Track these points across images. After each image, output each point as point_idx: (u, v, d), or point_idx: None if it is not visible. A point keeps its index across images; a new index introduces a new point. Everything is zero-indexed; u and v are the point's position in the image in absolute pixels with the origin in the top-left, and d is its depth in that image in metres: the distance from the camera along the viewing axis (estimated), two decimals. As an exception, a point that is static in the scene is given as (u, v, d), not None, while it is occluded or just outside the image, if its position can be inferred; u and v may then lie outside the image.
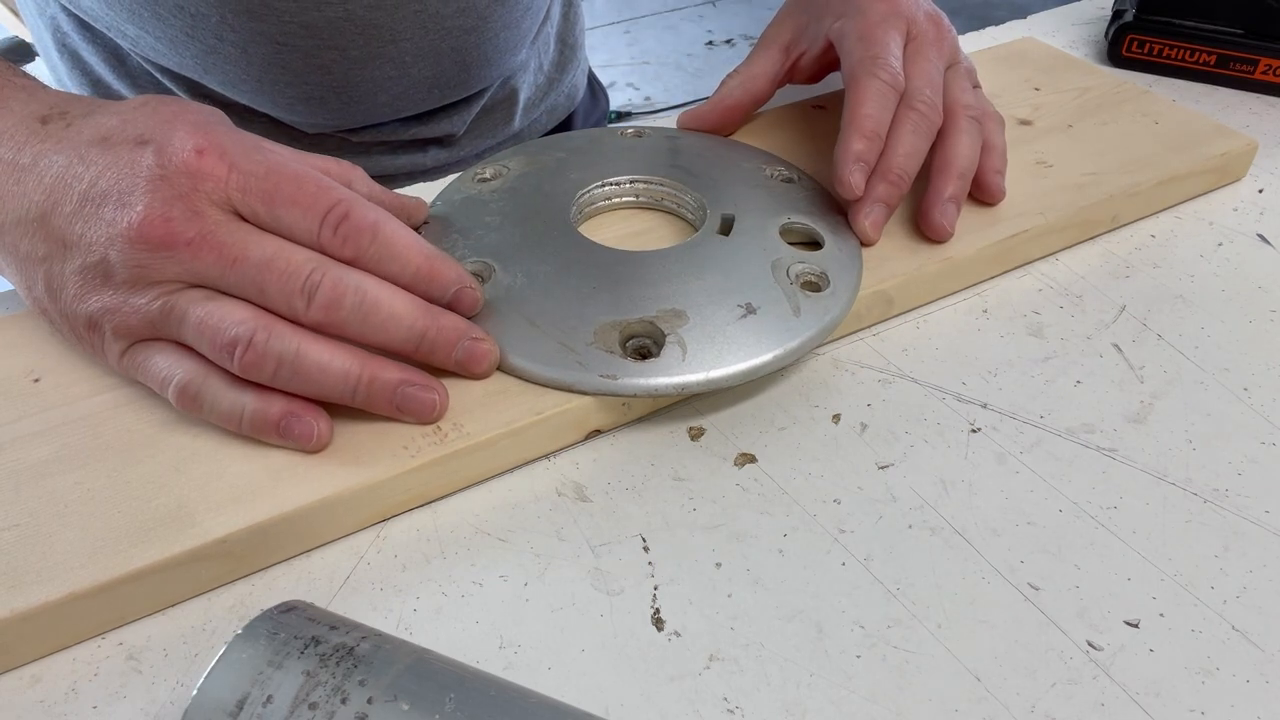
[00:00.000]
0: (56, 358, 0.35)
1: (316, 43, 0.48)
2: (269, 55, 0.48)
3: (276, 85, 0.50)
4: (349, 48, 0.49)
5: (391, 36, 0.50)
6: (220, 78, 0.50)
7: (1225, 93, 0.57)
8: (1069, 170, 0.46)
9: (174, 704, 0.27)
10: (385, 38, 0.49)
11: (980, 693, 0.28)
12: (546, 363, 0.34)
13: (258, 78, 0.50)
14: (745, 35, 2.61)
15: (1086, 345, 0.40)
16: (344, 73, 0.50)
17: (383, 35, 0.49)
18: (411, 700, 0.22)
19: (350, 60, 0.50)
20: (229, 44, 0.48)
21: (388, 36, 0.49)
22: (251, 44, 0.48)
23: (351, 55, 0.49)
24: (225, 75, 0.50)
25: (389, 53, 0.50)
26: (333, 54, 0.49)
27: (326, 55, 0.49)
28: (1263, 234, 0.46)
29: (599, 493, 0.33)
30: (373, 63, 0.50)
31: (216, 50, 0.48)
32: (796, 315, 0.36)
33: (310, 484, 0.31)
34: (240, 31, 0.47)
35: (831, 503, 0.33)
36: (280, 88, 0.50)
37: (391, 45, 0.50)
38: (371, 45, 0.49)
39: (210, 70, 0.50)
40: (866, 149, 0.40)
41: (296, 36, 0.48)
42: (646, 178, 0.43)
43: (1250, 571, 0.31)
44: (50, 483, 0.31)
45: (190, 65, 0.50)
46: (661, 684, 0.28)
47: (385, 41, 0.50)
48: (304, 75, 0.50)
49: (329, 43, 0.49)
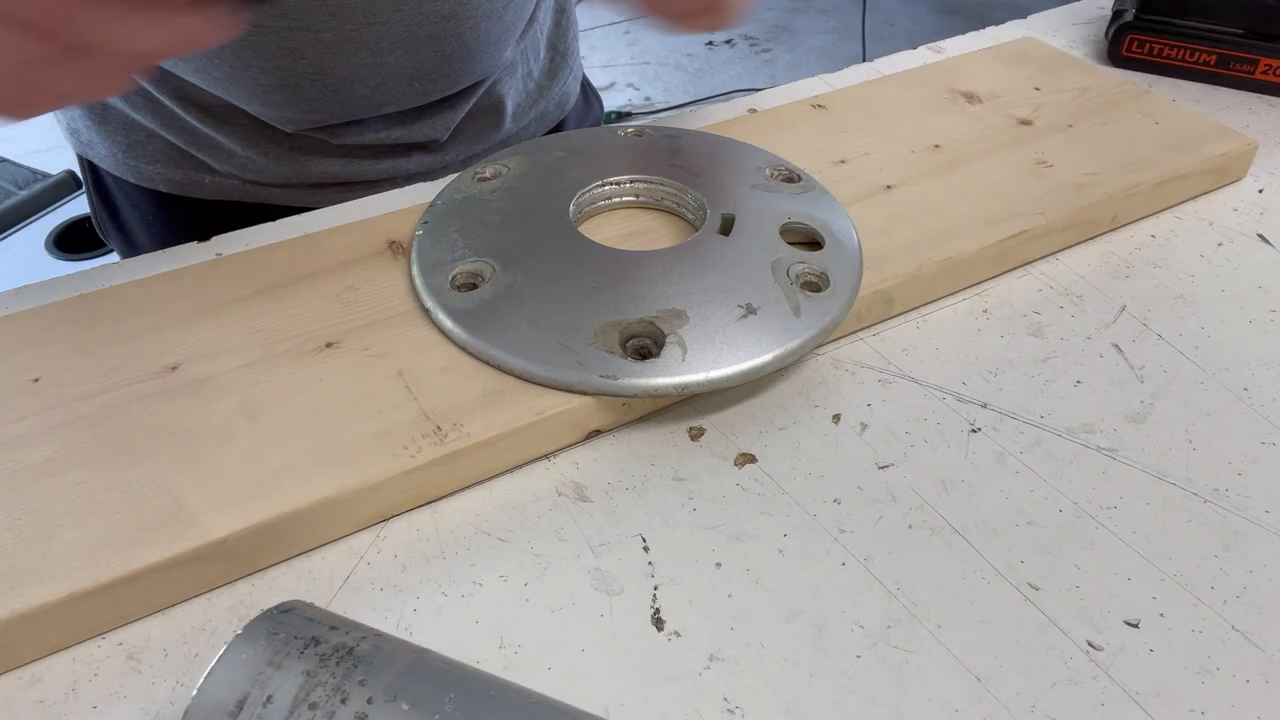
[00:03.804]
0: (56, 358, 0.35)
1: (287, 23, 0.48)
2: (239, 37, 0.47)
3: (249, 70, 0.50)
4: (321, 29, 0.48)
5: (366, 19, 0.49)
6: (194, 64, 0.50)
7: (1225, 93, 0.57)
8: (1069, 170, 0.46)
9: (174, 704, 0.27)
10: (359, 20, 0.49)
11: (980, 693, 0.28)
12: (546, 363, 0.34)
13: (230, 62, 0.49)
14: (745, 35, 2.61)
15: (1086, 345, 0.40)
16: (317, 57, 0.50)
17: (356, 17, 0.49)
18: (411, 700, 0.22)
19: (323, 44, 0.49)
20: None
21: (361, 19, 0.49)
22: None
23: (325, 38, 0.49)
24: (198, 61, 0.49)
25: (364, 37, 0.50)
26: (304, 35, 0.48)
27: (298, 37, 0.48)
28: (1263, 234, 0.46)
29: (599, 493, 0.33)
30: (347, 47, 0.50)
31: None
32: (796, 315, 0.36)
33: (310, 484, 0.31)
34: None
35: (831, 503, 0.33)
36: (253, 73, 0.50)
37: (366, 29, 0.49)
38: (344, 27, 0.49)
39: (183, 57, 0.49)
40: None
41: (267, 16, 0.47)
42: (646, 177, 0.43)
43: (1250, 571, 0.31)
44: (50, 483, 0.31)
45: None
46: (661, 684, 0.28)
47: (359, 24, 0.49)
48: (276, 59, 0.49)
49: (300, 23, 0.48)
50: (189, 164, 0.56)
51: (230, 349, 0.36)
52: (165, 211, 0.58)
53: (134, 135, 0.55)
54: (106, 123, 0.55)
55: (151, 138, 0.55)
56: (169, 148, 0.55)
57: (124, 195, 0.59)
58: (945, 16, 2.72)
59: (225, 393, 0.34)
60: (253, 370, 0.35)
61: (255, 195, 0.56)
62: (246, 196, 0.56)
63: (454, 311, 0.36)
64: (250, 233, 0.44)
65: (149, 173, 0.56)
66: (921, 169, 0.46)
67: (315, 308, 0.38)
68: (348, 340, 0.36)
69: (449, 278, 0.38)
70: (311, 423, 0.33)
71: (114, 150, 0.56)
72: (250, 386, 0.34)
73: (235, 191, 0.56)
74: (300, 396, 0.34)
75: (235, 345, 0.36)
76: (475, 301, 0.37)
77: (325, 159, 0.56)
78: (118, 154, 0.56)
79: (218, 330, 0.37)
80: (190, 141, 0.54)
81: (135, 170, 0.56)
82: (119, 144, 0.56)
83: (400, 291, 0.39)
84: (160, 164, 0.56)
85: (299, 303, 0.38)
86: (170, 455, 0.32)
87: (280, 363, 0.35)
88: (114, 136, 0.56)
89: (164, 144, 0.55)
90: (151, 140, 0.55)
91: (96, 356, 0.36)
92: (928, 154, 0.48)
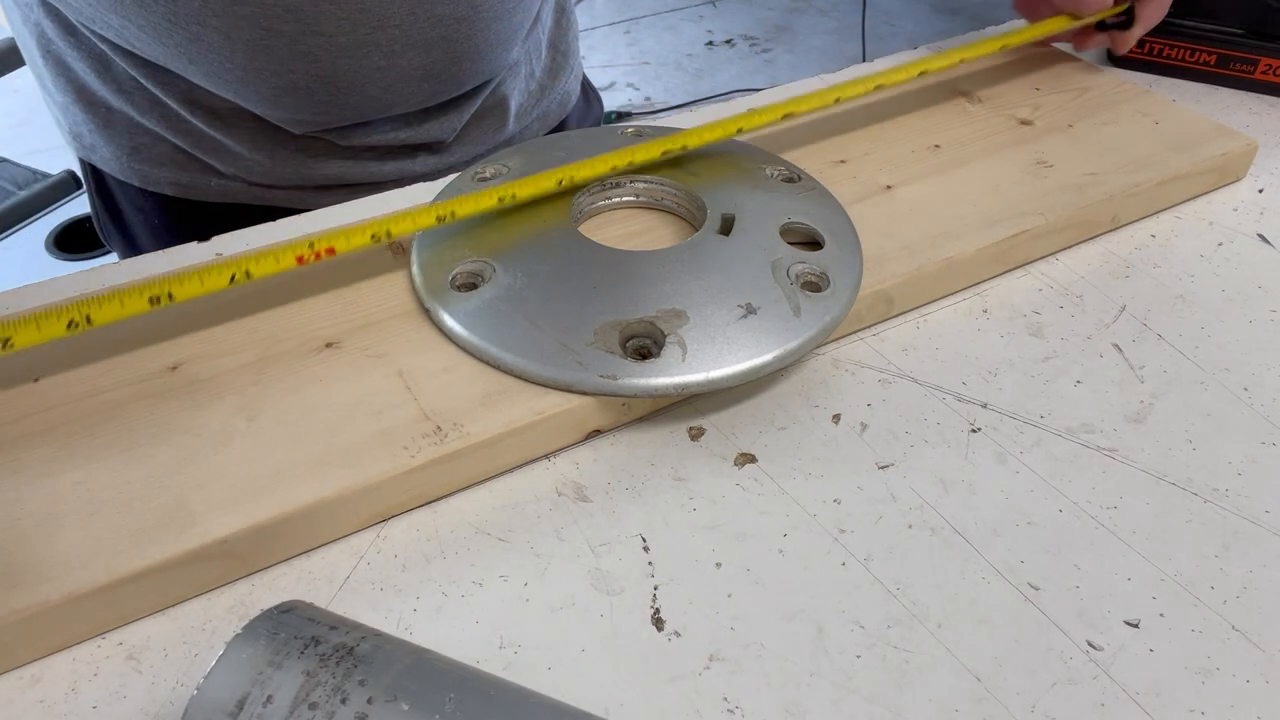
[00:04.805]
0: (56, 358, 0.35)
1: (301, 27, 0.48)
2: (253, 41, 0.48)
3: (261, 74, 0.50)
4: (335, 34, 0.48)
5: (379, 22, 0.49)
6: (205, 68, 0.50)
7: (1225, 93, 0.57)
8: (1069, 170, 0.46)
9: (174, 704, 0.27)
10: (372, 23, 0.49)
11: (980, 693, 0.28)
12: (546, 363, 0.34)
13: (243, 66, 0.49)
14: (745, 35, 2.61)
15: (1086, 345, 0.40)
16: (330, 61, 0.50)
17: (370, 21, 0.49)
18: (411, 700, 0.22)
19: (337, 48, 0.49)
20: (212, 30, 0.47)
21: (375, 22, 0.49)
22: (235, 29, 0.47)
23: (338, 42, 0.49)
24: (210, 65, 0.50)
25: (376, 39, 0.49)
26: (318, 40, 0.48)
27: (312, 41, 0.48)
28: (1263, 234, 0.46)
29: (599, 493, 0.33)
30: (360, 50, 0.50)
31: (200, 38, 0.48)
32: (796, 315, 0.36)
33: (310, 484, 0.31)
34: (223, 17, 0.47)
35: (831, 503, 0.33)
36: (265, 77, 0.50)
37: (379, 32, 0.49)
38: (358, 31, 0.49)
39: (195, 60, 0.49)
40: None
41: (280, 21, 0.47)
42: (646, 177, 0.43)
43: (1250, 571, 0.31)
44: (50, 483, 0.31)
45: (174, 56, 0.49)
46: (661, 684, 0.28)
47: (372, 27, 0.49)
48: (289, 63, 0.49)
49: (314, 28, 0.48)
50: (194, 167, 0.55)
51: (230, 349, 0.36)
52: (170, 215, 0.58)
53: (139, 139, 0.55)
54: (111, 126, 0.55)
55: (157, 141, 0.55)
56: (175, 151, 0.55)
57: (128, 199, 0.59)
58: (945, 16, 2.72)
59: (225, 393, 0.34)
60: (253, 370, 0.35)
61: (261, 198, 0.56)
62: (252, 199, 0.56)
63: (454, 311, 0.36)
64: (251, 233, 0.44)
65: (154, 176, 0.56)
66: (921, 169, 0.46)
67: (315, 308, 0.38)
68: (348, 340, 0.36)
69: (449, 278, 0.38)
70: (311, 423, 0.33)
71: (119, 154, 0.56)
72: (250, 386, 0.34)
73: (241, 194, 0.56)
74: (300, 396, 0.34)
75: (235, 345, 0.36)
76: (475, 301, 0.37)
77: (331, 161, 0.56)
78: (122, 158, 0.56)
79: (218, 330, 0.37)
80: (196, 144, 0.54)
81: (140, 174, 0.56)
82: (124, 148, 0.56)
83: (400, 291, 0.39)
84: (166, 167, 0.56)
85: (299, 303, 0.38)
86: (170, 455, 0.32)
87: (280, 363, 0.35)
88: (119, 140, 0.56)
89: (169, 147, 0.55)
90: (157, 143, 0.55)
91: (96, 356, 0.36)
92: (928, 154, 0.48)
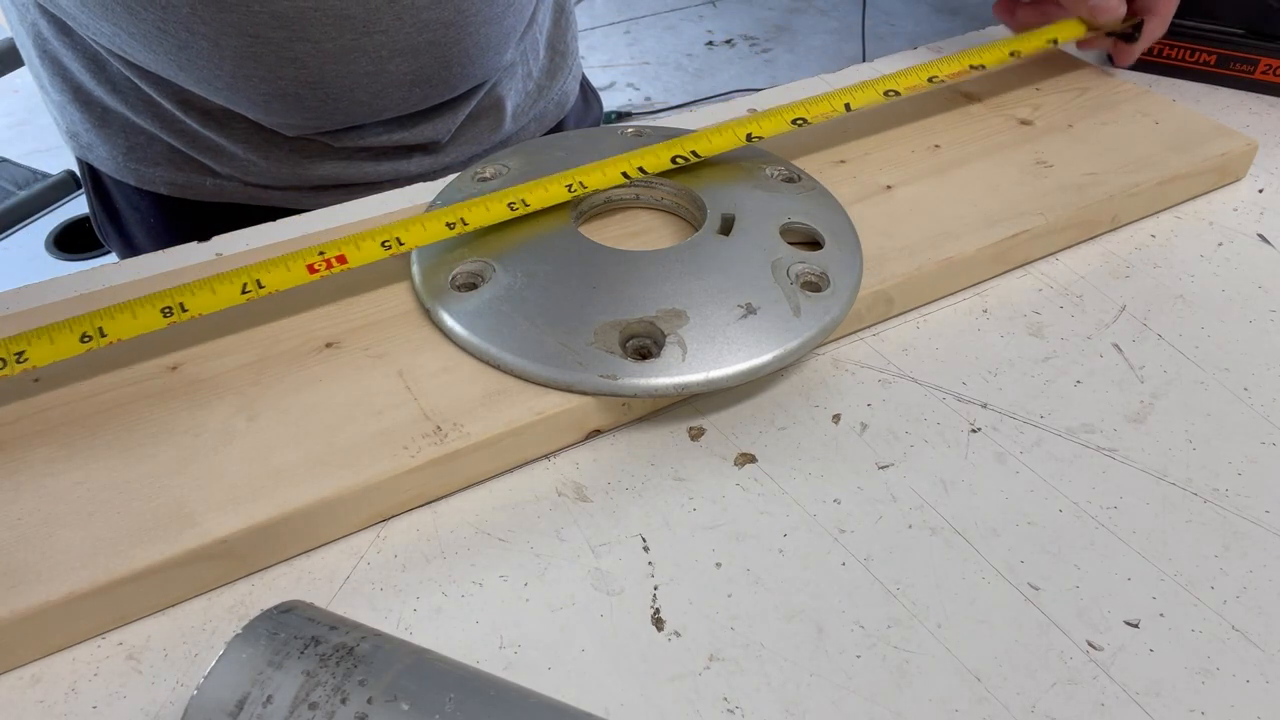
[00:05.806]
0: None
1: (288, 34, 0.48)
2: (240, 48, 0.48)
3: (250, 80, 0.50)
4: (322, 40, 0.48)
5: (366, 29, 0.49)
6: (195, 75, 0.50)
7: (1225, 93, 0.57)
8: (1069, 170, 0.46)
9: (174, 704, 0.27)
10: (359, 29, 0.49)
11: (980, 693, 0.28)
12: (546, 363, 0.34)
13: (231, 73, 0.49)
14: (745, 35, 2.61)
15: (1086, 345, 0.40)
16: (318, 67, 0.50)
17: (356, 27, 0.49)
18: (411, 700, 0.22)
19: (324, 54, 0.49)
20: (200, 37, 0.47)
21: (361, 28, 0.49)
22: (223, 36, 0.47)
23: (325, 48, 0.49)
24: (199, 72, 0.50)
25: (364, 46, 0.49)
26: (305, 46, 0.48)
27: (299, 48, 0.49)
28: (1263, 234, 0.46)
29: (599, 493, 0.33)
30: (348, 56, 0.50)
31: (189, 45, 0.48)
32: (796, 315, 0.36)
33: (310, 484, 0.31)
34: (211, 24, 0.47)
35: (831, 503, 0.33)
36: (254, 83, 0.50)
37: (366, 38, 0.49)
38: (345, 37, 0.49)
39: (185, 68, 0.49)
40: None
41: (267, 28, 0.47)
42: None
43: (1250, 571, 0.31)
44: (50, 483, 0.31)
45: (165, 63, 0.49)
46: (661, 684, 0.28)
47: (359, 34, 0.49)
48: (276, 69, 0.49)
49: (301, 34, 0.48)
50: (190, 167, 0.56)
51: (230, 349, 0.36)
52: (166, 214, 0.58)
53: (135, 138, 0.55)
54: (107, 125, 0.55)
55: (152, 140, 0.55)
56: (170, 150, 0.55)
57: (124, 198, 0.59)
58: (945, 16, 2.72)
59: (225, 392, 0.34)
60: (253, 370, 0.35)
61: (257, 197, 0.56)
62: (248, 199, 0.56)
63: (454, 311, 0.37)
64: (250, 233, 0.44)
65: (150, 175, 0.56)
66: (921, 169, 0.46)
67: (315, 308, 0.38)
68: (348, 340, 0.36)
69: (449, 278, 0.38)
70: (311, 423, 0.33)
71: (114, 153, 0.56)
72: (250, 386, 0.34)
73: (237, 194, 0.56)
74: (300, 396, 0.34)
75: (235, 345, 0.36)
76: (475, 301, 0.37)
77: (326, 161, 0.56)
78: (118, 157, 0.56)
79: (218, 330, 0.37)
80: (191, 144, 0.54)
81: (136, 173, 0.56)
82: (119, 147, 0.56)
83: (400, 291, 0.39)
84: (161, 167, 0.56)
85: (299, 303, 0.38)
86: (170, 455, 0.32)
87: (280, 363, 0.35)
88: (114, 139, 0.56)
89: (165, 147, 0.55)
90: (152, 143, 0.55)
91: (96, 356, 0.36)
92: (928, 154, 0.48)
